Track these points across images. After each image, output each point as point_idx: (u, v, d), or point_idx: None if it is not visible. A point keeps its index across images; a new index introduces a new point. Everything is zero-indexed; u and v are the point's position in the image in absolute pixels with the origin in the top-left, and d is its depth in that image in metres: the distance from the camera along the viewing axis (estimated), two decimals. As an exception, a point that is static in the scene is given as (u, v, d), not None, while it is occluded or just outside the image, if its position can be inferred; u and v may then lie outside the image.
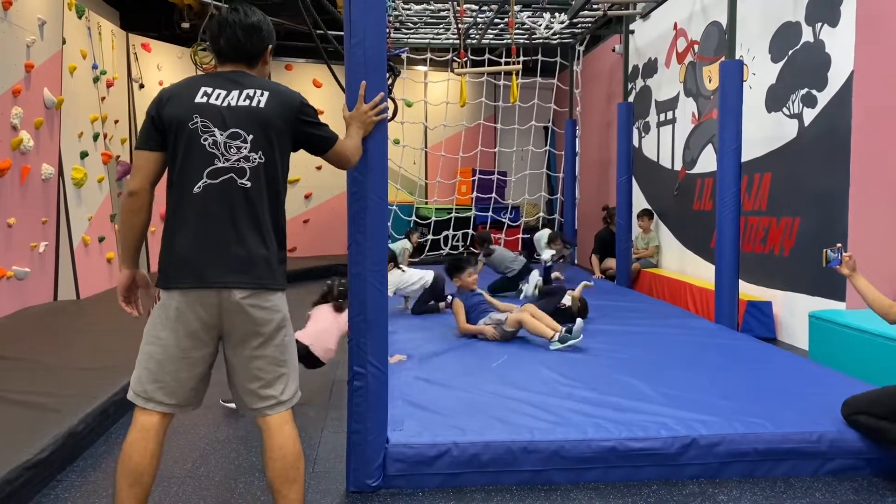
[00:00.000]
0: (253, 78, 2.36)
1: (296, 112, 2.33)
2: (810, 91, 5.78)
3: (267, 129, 2.26)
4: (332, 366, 5.17)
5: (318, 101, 12.10)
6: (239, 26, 2.33)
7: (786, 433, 3.16)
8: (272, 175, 2.29)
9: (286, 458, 2.29)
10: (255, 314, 2.23)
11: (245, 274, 2.21)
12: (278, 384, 2.32)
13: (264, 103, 2.27)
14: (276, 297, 2.29)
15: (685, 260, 8.05)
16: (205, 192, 2.21)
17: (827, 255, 3.42)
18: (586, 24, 9.50)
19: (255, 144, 2.24)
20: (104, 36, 8.36)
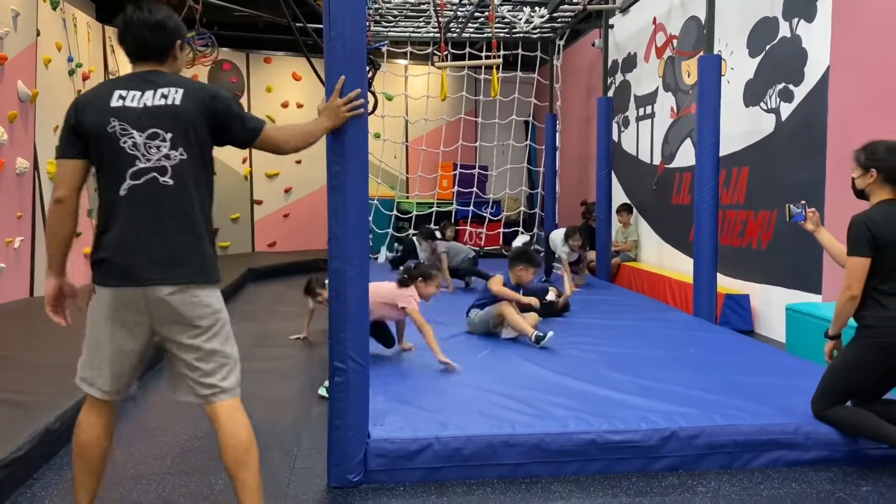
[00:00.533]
0: (166, 76, 2.36)
1: (212, 106, 2.32)
2: (787, 86, 5.84)
3: (185, 125, 2.28)
4: (312, 361, 5.16)
5: (297, 94, 12.03)
6: (144, 25, 2.34)
7: (764, 425, 3.20)
8: (195, 171, 2.31)
9: (239, 445, 2.35)
10: (183, 309, 2.27)
11: (171, 271, 2.26)
12: (218, 374, 2.36)
13: (180, 100, 2.28)
14: (205, 292, 2.32)
15: (664, 254, 8.11)
16: (129, 194, 2.25)
17: (790, 210, 3.49)
18: (566, 18, 9.51)
19: (174, 142, 2.26)
20: (80, 28, 8.24)
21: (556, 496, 2.89)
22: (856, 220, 3.13)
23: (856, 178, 3.24)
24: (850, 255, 3.12)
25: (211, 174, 2.41)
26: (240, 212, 11.74)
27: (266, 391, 4.41)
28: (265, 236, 12.02)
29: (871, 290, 3.10)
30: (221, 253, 11.40)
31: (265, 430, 3.67)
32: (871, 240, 3.05)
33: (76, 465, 2.39)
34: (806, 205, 3.47)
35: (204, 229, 2.33)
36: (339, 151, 2.85)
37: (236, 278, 8.64)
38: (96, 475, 2.41)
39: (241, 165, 11.71)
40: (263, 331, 6.29)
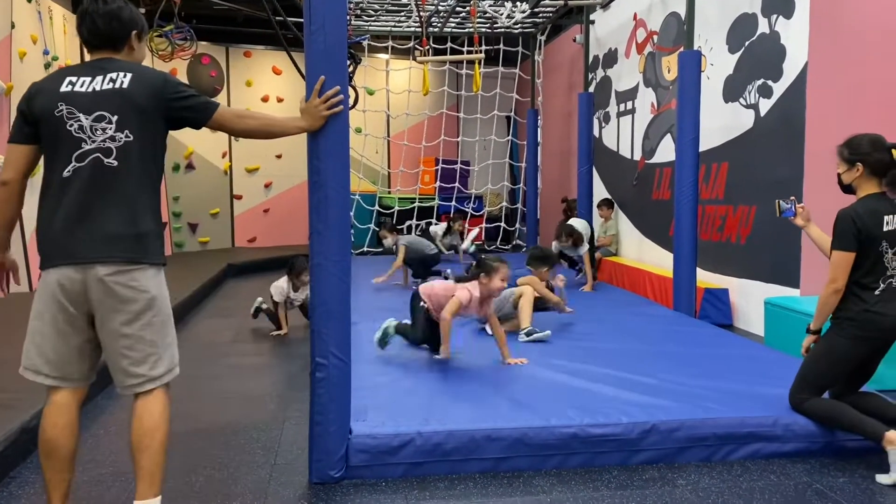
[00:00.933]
0: (118, 62, 2.40)
1: (160, 90, 2.34)
2: (766, 82, 5.89)
3: (131, 108, 2.30)
4: (293, 357, 5.14)
5: (277, 88, 11.96)
6: (97, 14, 2.38)
7: (742, 418, 3.23)
8: (141, 153, 2.33)
9: (141, 427, 2.34)
10: (120, 291, 2.27)
11: (111, 250, 2.26)
12: (146, 363, 2.34)
13: (127, 84, 2.31)
14: (144, 276, 2.32)
15: (644, 248, 8.16)
16: (73, 175, 2.27)
17: (780, 206, 3.51)
18: (547, 13, 9.53)
19: (120, 124, 2.29)
20: (55, 20, 8.13)
21: (538, 490, 2.90)
22: (842, 214, 3.14)
23: (842, 174, 3.25)
24: (834, 249, 3.14)
25: (161, 157, 2.43)
26: (219, 207, 11.66)
27: (246, 387, 4.38)
28: (245, 231, 11.95)
29: (852, 284, 3.12)
30: (200, 248, 11.32)
31: (245, 427, 3.65)
32: (856, 234, 3.07)
33: (44, 464, 2.37)
34: (795, 200, 3.50)
35: (148, 211, 2.34)
36: (320, 146, 2.83)
37: (216, 274, 8.58)
38: (66, 473, 2.38)
39: (221, 160, 11.63)
40: (243, 327, 6.25)
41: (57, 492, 2.37)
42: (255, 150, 11.82)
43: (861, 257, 3.10)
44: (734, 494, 2.84)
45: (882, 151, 3.12)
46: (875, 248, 3.10)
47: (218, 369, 4.81)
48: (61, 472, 2.36)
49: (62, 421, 2.36)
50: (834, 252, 3.15)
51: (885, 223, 3.10)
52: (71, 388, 2.38)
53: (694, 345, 4.70)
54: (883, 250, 3.11)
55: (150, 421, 2.34)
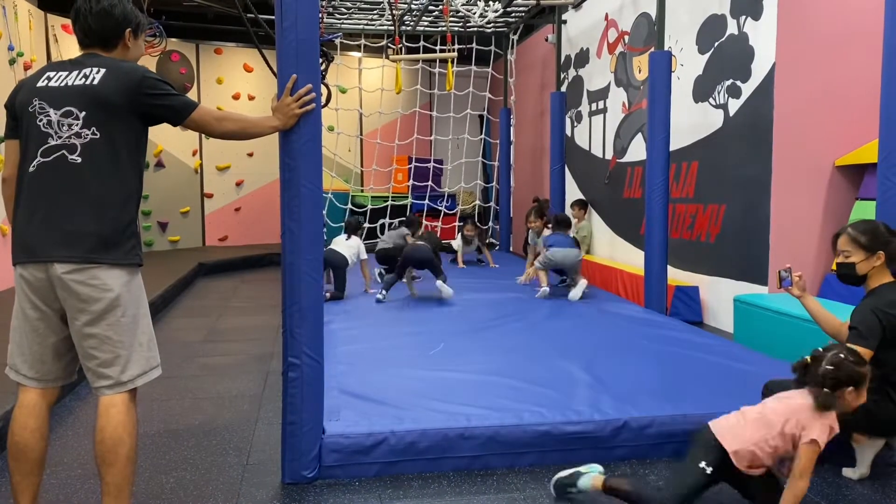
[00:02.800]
0: (98, 58, 2.35)
1: (135, 86, 2.28)
2: (735, 82, 5.97)
3: (100, 105, 2.26)
4: (265, 357, 5.10)
5: (249, 86, 11.85)
6: (90, 13, 2.36)
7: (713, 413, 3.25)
8: (108, 151, 2.27)
9: (104, 442, 2.25)
10: (80, 290, 2.21)
11: (69, 248, 2.21)
12: (116, 365, 2.28)
13: (98, 80, 2.27)
14: (106, 275, 2.25)
15: (616, 246, 8.23)
16: (38, 171, 2.25)
17: (780, 276, 3.43)
18: (520, 13, 9.56)
19: (87, 121, 2.25)
20: (21, 16, 7.97)
21: (512, 488, 2.91)
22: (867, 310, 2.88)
23: (857, 263, 2.99)
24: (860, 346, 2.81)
25: (136, 154, 2.37)
26: (190, 205, 11.53)
27: (217, 387, 4.34)
28: (216, 230, 11.83)
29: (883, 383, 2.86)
30: (171, 247, 11.19)
31: (217, 427, 3.62)
32: (880, 333, 2.83)
33: (12, 467, 2.31)
34: (791, 269, 3.35)
35: (113, 210, 2.27)
36: (292, 144, 2.82)
37: (186, 273, 8.48)
38: (35, 477, 2.32)
39: (192, 158, 11.50)
40: (214, 326, 6.19)
41: (25, 496, 2.31)
42: (226, 148, 11.70)
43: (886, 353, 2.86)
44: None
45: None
46: None
47: (190, 369, 4.76)
48: (30, 475, 2.31)
49: (32, 423, 2.31)
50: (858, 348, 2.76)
51: None
52: (41, 389, 2.34)
53: (665, 342, 4.75)
54: None
55: (113, 433, 2.25)
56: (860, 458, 2.99)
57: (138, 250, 2.38)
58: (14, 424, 2.31)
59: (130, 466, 2.30)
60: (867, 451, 2.98)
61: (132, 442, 2.30)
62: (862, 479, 2.97)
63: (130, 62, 2.39)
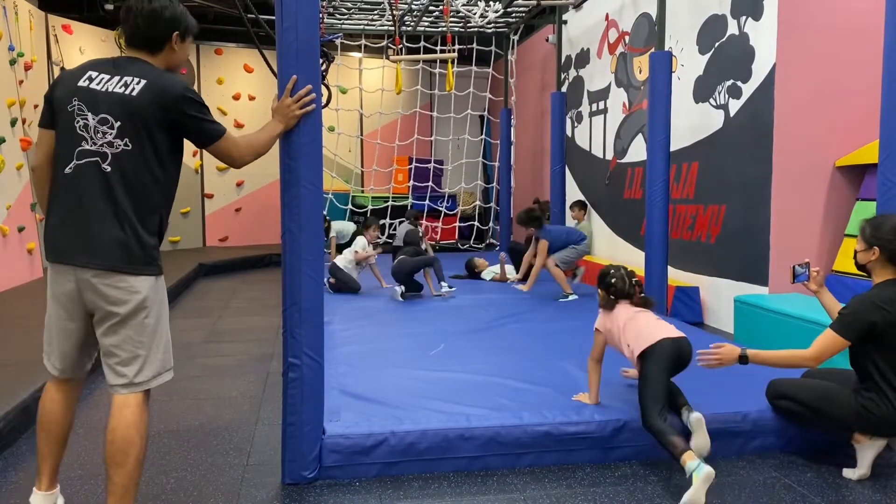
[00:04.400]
0: (141, 65, 2.37)
1: (173, 103, 2.31)
2: (735, 82, 5.97)
3: (135, 117, 2.28)
4: (266, 358, 5.10)
5: (249, 86, 11.85)
6: (140, 13, 2.37)
7: (712, 414, 3.26)
8: (138, 163, 2.30)
9: (114, 442, 2.31)
10: (109, 293, 2.29)
11: (95, 254, 2.28)
12: (133, 365, 2.34)
13: (137, 92, 2.29)
14: (134, 279, 2.31)
15: (616, 247, 8.23)
16: (73, 173, 2.30)
17: (794, 271, 3.38)
18: (520, 13, 9.56)
19: (121, 131, 2.28)
20: (21, 16, 7.97)
21: (512, 488, 2.91)
22: (858, 302, 2.92)
23: (858, 252, 3.05)
24: (834, 330, 2.92)
25: (170, 166, 2.40)
26: (190, 205, 11.53)
27: (218, 388, 4.34)
28: (216, 231, 11.83)
29: (876, 374, 2.92)
30: (171, 248, 11.19)
31: (217, 428, 3.62)
32: (868, 327, 2.86)
33: (40, 437, 2.48)
34: (810, 264, 3.34)
35: (137, 221, 2.31)
36: (292, 145, 2.82)
37: (186, 273, 8.48)
38: (59, 448, 2.50)
39: (192, 159, 11.50)
40: (215, 327, 6.19)
41: (48, 463, 2.48)
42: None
43: (881, 350, 2.90)
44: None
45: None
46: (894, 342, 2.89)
47: (190, 370, 4.76)
48: (55, 444, 2.48)
49: (59, 402, 2.48)
50: (830, 331, 2.93)
51: None
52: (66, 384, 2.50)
53: (665, 342, 4.74)
54: None
55: (125, 434, 2.31)
56: (860, 459, 2.99)
57: (158, 261, 2.41)
58: (44, 400, 2.48)
59: (139, 469, 2.34)
60: (867, 452, 2.98)
61: (142, 444, 2.35)
62: (862, 479, 2.96)
63: (172, 76, 2.40)
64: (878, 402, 2.91)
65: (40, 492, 2.49)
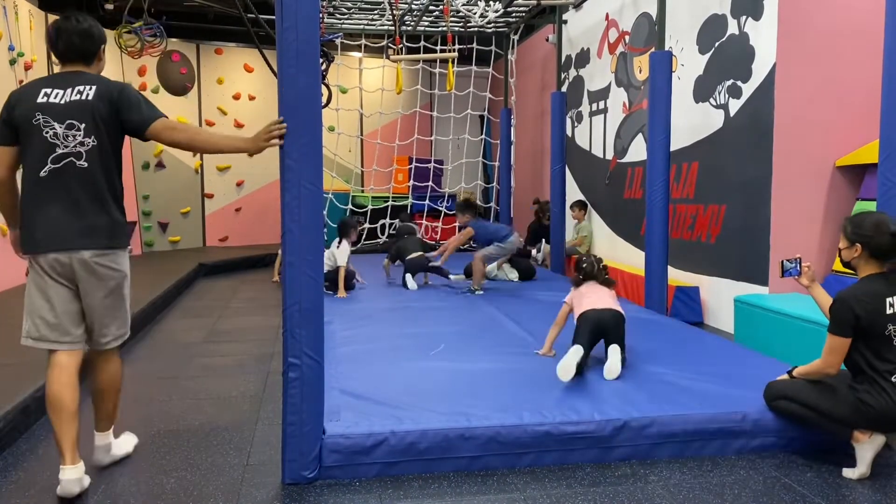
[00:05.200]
0: (85, 75, 2.83)
1: (115, 99, 2.77)
2: (735, 82, 5.97)
3: (94, 117, 2.75)
4: (266, 358, 5.10)
5: (249, 86, 11.85)
6: (74, 32, 2.82)
7: (713, 414, 3.27)
8: (105, 155, 2.79)
9: (105, 381, 3.00)
10: (101, 271, 2.80)
11: (90, 238, 2.76)
12: (116, 324, 2.94)
13: (91, 95, 2.76)
14: (118, 256, 2.86)
15: (616, 247, 8.23)
16: (50, 175, 2.74)
17: (783, 265, 3.42)
18: (520, 13, 9.56)
19: (87, 131, 2.75)
20: (21, 16, 7.97)
21: (512, 488, 2.91)
22: (841, 297, 2.99)
23: (842, 250, 3.12)
24: (830, 332, 3.00)
25: (120, 156, 2.89)
26: (190, 205, 11.53)
27: (218, 388, 4.34)
28: (216, 230, 11.83)
29: (867, 367, 2.97)
30: (171, 248, 11.19)
31: (217, 427, 3.62)
32: (854, 321, 2.92)
33: (52, 417, 2.78)
34: (801, 259, 3.38)
35: (115, 203, 2.84)
36: (292, 145, 2.82)
37: (186, 273, 8.49)
38: (72, 424, 2.78)
39: (192, 158, 11.50)
40: (215, 327, 6.19)
41: (66, 438, 2.75)
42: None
43: (868, 343, 2.96)
44: (705, 490, 2.88)
45: (885, 236, 2.97)
46: (880, 333, 2.95)
47: (190, 370, 4.76)
48: (68, 422, 2.76)
49: (64, 379, 2.80)
50: (829, 335, 3.00)
51: (888, 306, 2.95)
52: (68, 351, 2.84)
53: (665, 342, 4.75)
54: (891, 334, 2.95)
55: (113, 374, 3.00)
56: (860, 458, 2.99)
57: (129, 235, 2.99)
58: (50, 381, 2.80)
59: (119, 398, 3.07)
60: (867, 451, 2.98)
61: (121, 381, 3.08)
62: (862, 478, 2.97)
63: (113, 80, 2.86)
64: (874, 394, 2.94)
65: (67, 467, 2.75)
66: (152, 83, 11.00)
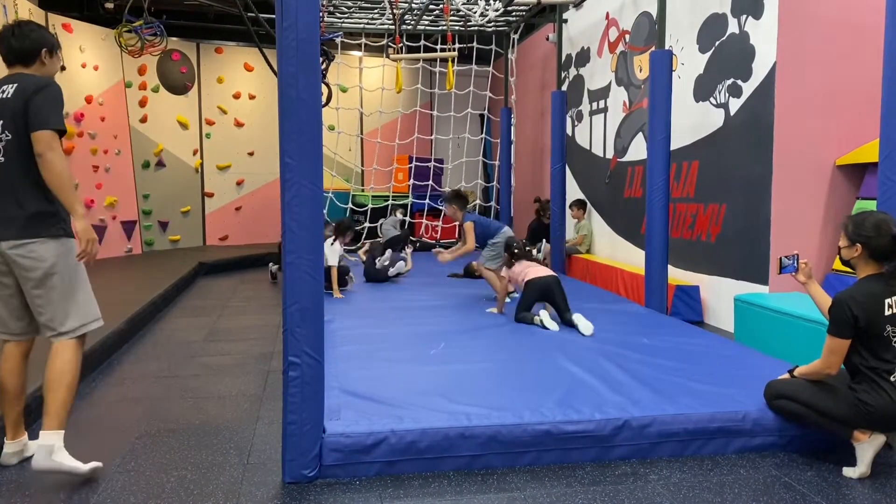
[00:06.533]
0: (16, 76, 2.93)
1: (28, 95, 2.83)
2: (736, 81, 5.96)
3: (11, 113, 2.85)
4: (266, 357, 5.10)
5: (249, 85, 11.85)
6: (12, 35, 2.97)
7: (713, 413, 3.27)
8: (21, 149, 2.86)
9: (53, 372, 2.93)
10: (22, 262, 2.87)
11: (6, 230, 2.86)
12: (56, 319, 2.93)
13: (11, 94, 2.87)
14: (41, 248, 2.87)
15: (616, 246, 8.23)
16: None
17: (781, 262, 3.42)
18: (520, 12, 9.56)
19: (3, 127, 2.87)
20: (21, 15, 7.97)
21: (512, 487, 2.91)
22: (839, 299, 2.99)
23: (842, 249, 3.12)
24: (829, 334, 3.01)
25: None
26: (190, 204, 11.53)
27: (218, 387, 4.34)
28: (217, 229, 11.83)
29: (864, 367, 2.99)
30: (171, 247, 11.20)
31: (218, 426, 3.62)
32: (851, 322, 2.93)
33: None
34: (798, 256, 3.39)
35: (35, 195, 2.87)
36: (292, 144, 2.82)
37: (186, 272, 8.49)
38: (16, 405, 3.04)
39: (192, 157, 11.50)
40: (215, 326, 6.19)
41: (9, 417, 3.03)
42: (227, 147, 11.71)
43: (866, 343, 2.97)
44: (705, 489, 2.88)
45: (886, 237, 2.97)
46: (879, 334, 2.96)
47: (190, 369, 4.76)
48: (9, 403, 3.03)
49: (8, 366, 3.02)
50: (828, 336, 3.01)
51: (886, 307, 2.96)
52: (15, 342, 3.03)
53: (665, 341, 4.75)
54: (889, 335, 2.96)
55: (60, 365, 2.92)
56: (860, 458, 2.99)
57: (63, 225, 2.94)
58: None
59: (70, 395, 2.95)
60: (867, 451, 2.98)
61: (74, 374, 2.97)
62: (862, 478, 2.97)
63: (41, 77, 2.93)
64: (873, 393, 2.95)
65: (7, 441, 3.03)
66: (152, 82, 11.00)
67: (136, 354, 5.17)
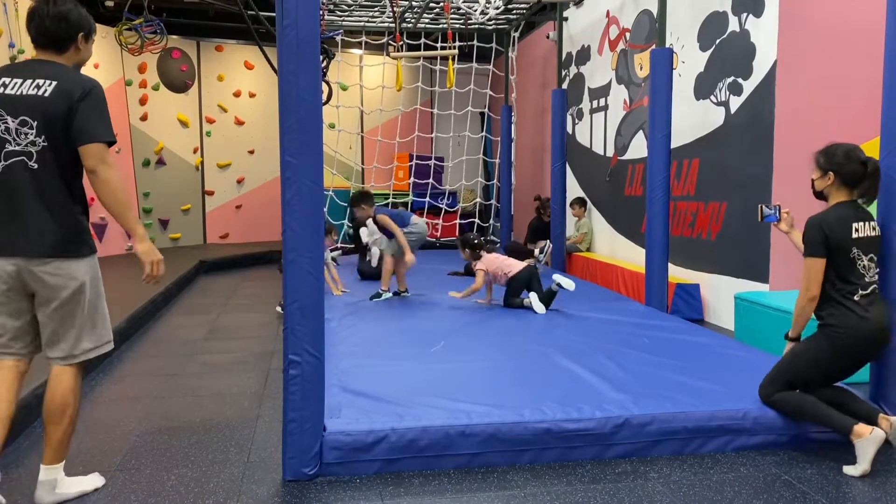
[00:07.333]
0: (49, 66, 2.58)
1: (75, 99, 2.51)
2: (736, 79, 5.96)
3: (48, 115, 2.50)
4: (266, 355, 5.11)
5: (249, 83, 11.85)
6: (47, 15, 2.57)
7: (713, 411, 3.27)
8: (58, 157, 2.54)
9: (53, 401, 2.65)
10: (49, 280, 2.56)
11: (34, 245, 2.53)
12: (69, 340, 2.65)
13: (49, 92, 2.51)
14: (72, 265, 2.59)
15: (617, 244, 8.23)
16: (3, 173, 2.53)
17: (762, 211, 3.55)
18: (521, 10, 9.55)
19: (39, 130, 2.51)
20: (21, 13, 7.96)
21: (513, 485, 2.91)
22: (811, 222, 3.18)
23: (815, 180, 3.31)
24: (806, 257, 3.18)
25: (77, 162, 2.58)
26: (191, 203, 11.53)
27: (218, 385, 4.34)
28: (217, 228, 11.83)
29: (833, 292, 3.16)
30: (171, 245, 11.20)
31: (218, 424, 3.62)
32: (824, 241, 3.11)
33: None
34: (780, 206, 3.54)
35: (69, 209, 2.58)
36: (293, 142, 2.82)
37: (187, 270, 8.49)
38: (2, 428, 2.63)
39: (193, 155, 11.50)
40: (215, 324, 6.19)
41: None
42: (228, 145, 11.71)
43: (834, 265, 3.14)
44: (705, 487, 2.88)
45: (855, 163, 3.17)
46: (846, 256, 3.13)
47: (191, 367, 4.76)
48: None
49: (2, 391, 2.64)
50: (805, 259, 3.18)
51: (854, 230, 3.14)
52: (14, 360, 2.68)
53: (665, 339, 4.75)
54: (855, 257, 3.14)
55: (63, 396, 2.65)
56: (860, 455, 2.99)
57: (91, 242, 2.68)
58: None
59: (72, 426, 2.70)
60: (867, 448, 2.98)
61: (76, 405, 2.71)
62: (863, 475, 2.97)
63: (82, 75, 2.61)
64: (840, 316, 3.13)
65: None
66: (153, 80, 10.99)
67: (136, 352, 5.17)
